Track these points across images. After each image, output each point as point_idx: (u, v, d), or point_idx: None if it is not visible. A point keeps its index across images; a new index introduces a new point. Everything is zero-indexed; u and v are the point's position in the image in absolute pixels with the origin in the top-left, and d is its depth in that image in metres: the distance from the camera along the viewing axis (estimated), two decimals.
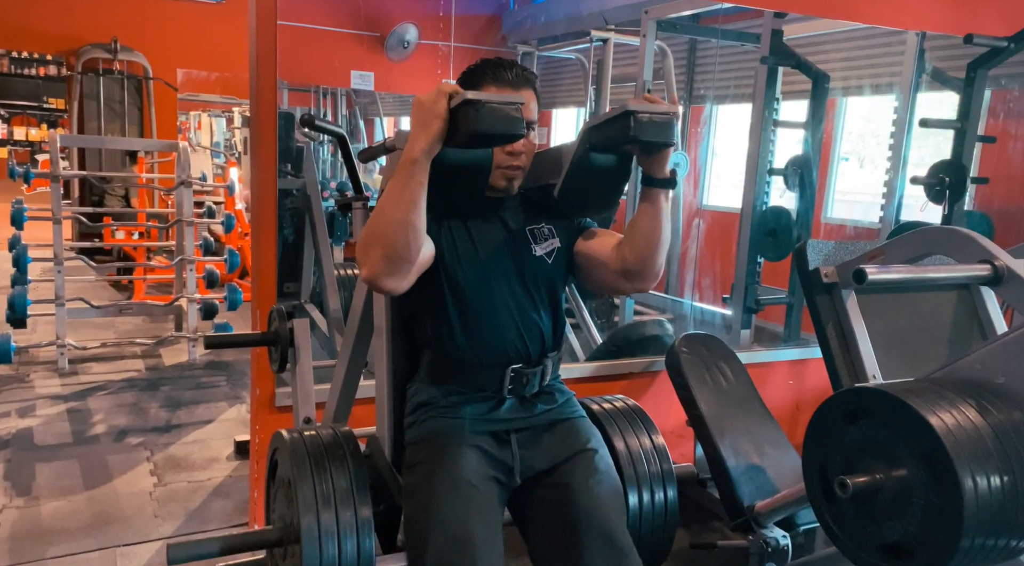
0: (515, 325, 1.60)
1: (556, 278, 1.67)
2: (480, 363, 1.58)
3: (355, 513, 1.57)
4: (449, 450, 1.50)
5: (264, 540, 1.75)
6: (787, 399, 3.46)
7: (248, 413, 4.00)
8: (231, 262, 5.00)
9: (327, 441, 1.71)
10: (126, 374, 4.59)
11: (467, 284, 1.57)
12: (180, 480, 3.23)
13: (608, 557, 1.43)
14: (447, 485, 1.46)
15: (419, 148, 1.33)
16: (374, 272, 1.39)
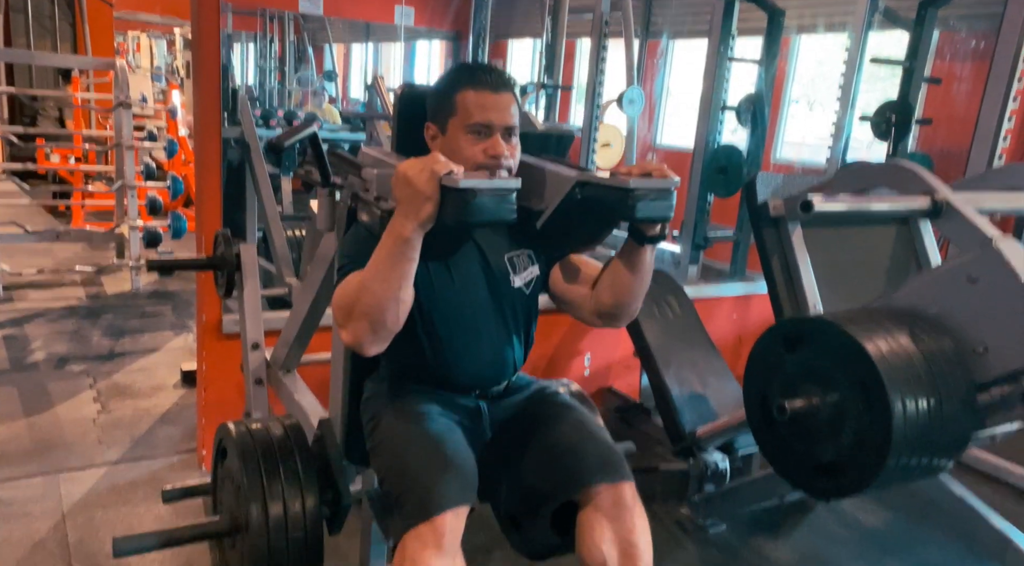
0: (488, 359, 1.56)
1: (533, 308, 1.63)
2: (447, 386, 1.56)
3: (303, 504, 1.61)
4: (411, 401, 1.50)
5: (214, 530, 1.79)
6: (731, 333, 3.56)
7: (195, 342, 3.94)
8: (174, 188, 4.84)
9: (275, 433, 1.72)
10: (66, 302, 4.45)
11: (441, 319, 1.51)
12: (125, 407, 3.18)
13: (603, 469, 1.43)
14: (410, 419, 1.46)
15: (410, 228, 1.26)
16: (359, 341, 1.34)
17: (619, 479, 1.43)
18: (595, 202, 1.35)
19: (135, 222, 4.73)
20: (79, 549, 2.21)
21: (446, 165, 1.23)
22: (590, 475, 1.42)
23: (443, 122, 1.47)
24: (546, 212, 1.44)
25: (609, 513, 1.41)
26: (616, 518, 1.41)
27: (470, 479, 1.37)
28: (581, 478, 1.43)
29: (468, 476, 1.37)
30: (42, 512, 2.38)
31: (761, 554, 2.35)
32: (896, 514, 2.60)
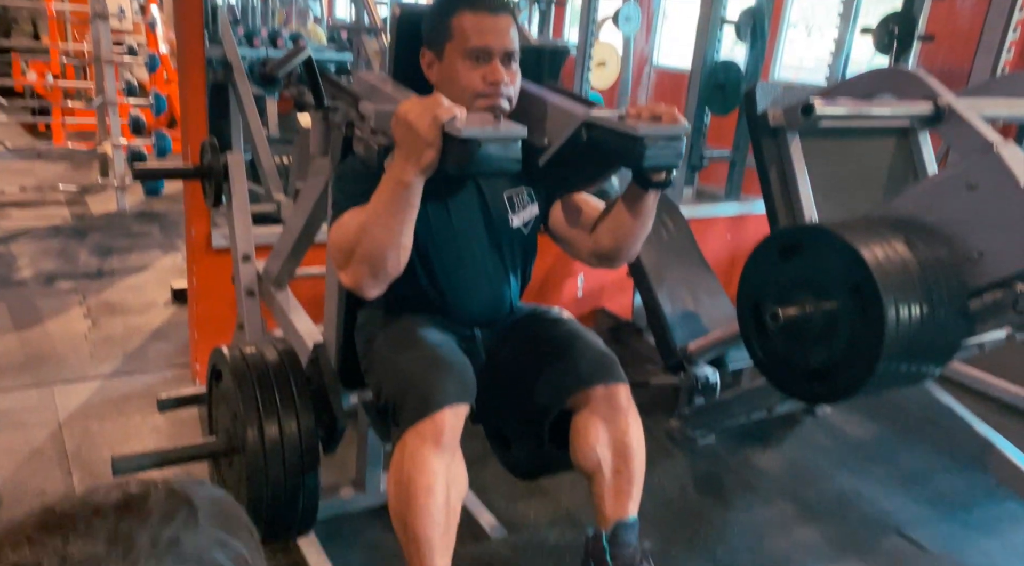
0: (484, 297, 1.54)
1: (531, 247, 1.60)
2: (443, 318, 1.54)
3: (299, 427, 1.62)
4: (406, 323, 1.49)
5: (210, 451, 1.80)
6: (725, 253, 3.55)
7: (184, 261, 3.90)
8: (157, 106, 4.72)
9: (269, 358, 1.71)
10: (51, 221, 4.39)
11: (438, 258, 1.48)
12: (116, 324, 3.17)
13: (598, 370, 1.44)
14: (406, 335, 1.45)
15: (411, 174, 1.20)
16: (359, 284, 1.31)
17: (613, 380, 1.44)
18: (601, 145, 1.29)
19: (118, 141, 4.63)
20: (77, 457, 2.24)
21: (449, 110, 1.16)
22: (584, 378, 1.44)
23: (439, 48, 1.40)
24: (549, 150, 1.38)
25: (604, 415, 1.43)
26: (611, 420, 1.43)
27: (468, 380, 1.38)
28: (576, 381, 1.44)
29: (466, 377, 1.38)
30: (39, 422, 2.40)
31: (749, 464, 2.40)
32: (881, 425, 2.65)
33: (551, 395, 1.46)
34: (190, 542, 0.47)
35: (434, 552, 1.28)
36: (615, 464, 1.42)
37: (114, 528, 0.46)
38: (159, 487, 0.50)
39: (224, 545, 0.49)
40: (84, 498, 0.48)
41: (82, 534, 0.45)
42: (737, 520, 2.11)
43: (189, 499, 0.50)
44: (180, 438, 2.40)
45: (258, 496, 1.57)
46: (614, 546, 1.37)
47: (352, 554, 1.91)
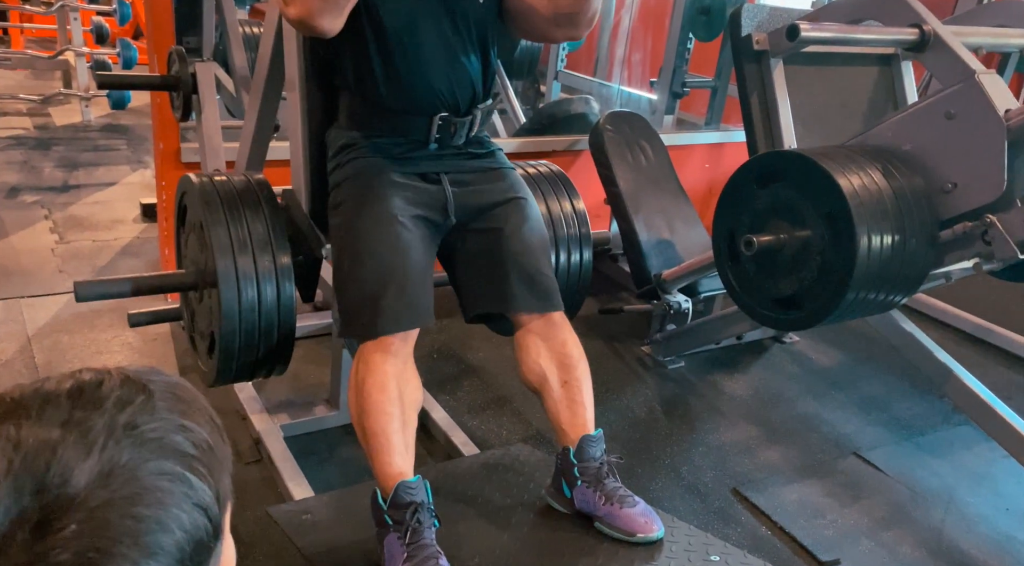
0: (442, 70, 1.49)
1: (488, 21, 1.55)
2: (404, 109, 1.50)
3: (273, 256, 1.54)
4: (374, 187, 1.46)
5: (178, 283, 1.72)
6: (703, 182, 3.54)
7: (153, 178, 3.81)
8: (121, 13, 4.51)
9: (239, 186, 1.62)
10: (12, 131, 4.25)
11: (391, 23, 1.44)
12: (84, 239, 3.11)
13: (533, 297, 1.48)
14: (373, 220, 1.43)
15: None
16: (307, 10, 1.26)
17: (547, 310, 1.48)
18: None
19: (80, 49, 4.44)
20: (47, 370, 2.22)
21: None
22: (521, 303, 1.47)
23: None
24: None
25: (541, 333, 1.48)
26: (548, 337, 1.48)
27: (420, 304, 1.40)
28: (513, 305, 1.48)
29: (418, 301, 1.40)
30: (6, 334, 2.38)
31: (717, 388, 2.46)
32: (846, 353, 2.72)
33: (491, 300, 1.51)
34: (148, 426, 0.46)
35: (392, 449, 1.32)
36: (560, 376, 1.46)
37: (68, 414, 0.44)
38: (113, 375, 0.48)
39: (184, 429, 0.48)
40: (36, 387, 0.47)
41: (35, 420, 0.43)
42: (703, 441, 2.17)
43: (144, 385, 0.48)
44: (152, 354, 2.40)
45: (230, 329, 1.51)
46: (580, 460, 1.40)
47: (326, 469, 1.95)
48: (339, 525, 1.54)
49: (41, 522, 0.40)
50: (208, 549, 0.47)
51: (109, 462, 0.43)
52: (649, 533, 1.36)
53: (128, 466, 0.43)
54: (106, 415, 0.45)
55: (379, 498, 1.32)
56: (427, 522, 1.29)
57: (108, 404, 0.46)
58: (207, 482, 0.47)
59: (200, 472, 0.47)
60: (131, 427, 0.45)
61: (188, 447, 0.47)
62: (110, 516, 0.41)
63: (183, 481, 0.45)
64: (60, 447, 0.42)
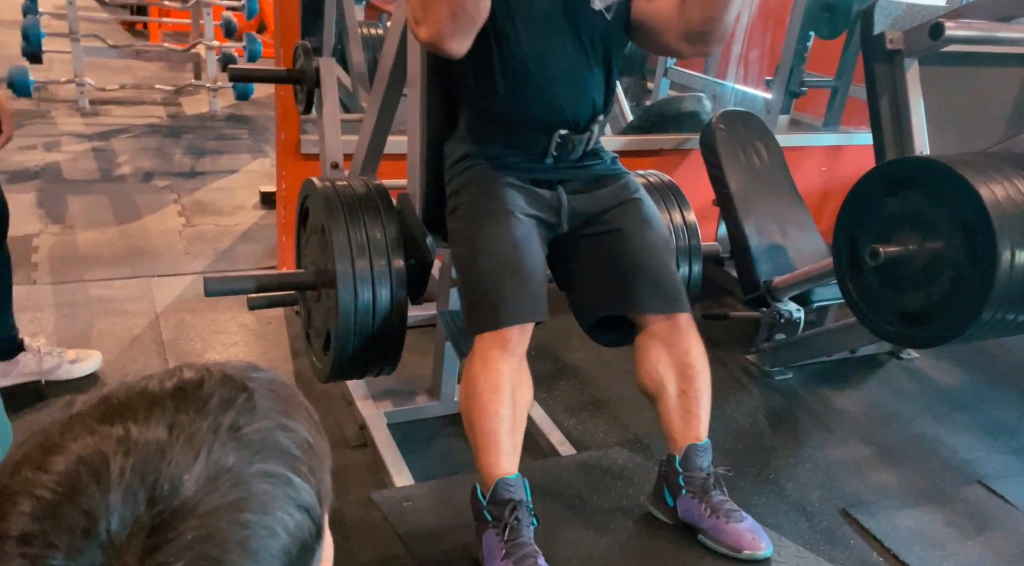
0: (565, 88, 1.48)
1: (614, 36, 1.52)
2: (525, 125, 1.49)
3: (388, 261, 1.59)
4: (492, 188, 1.47)
5: (299, 282, 1.80)
6: (818, 185, 3.40)
7: (272, 167, 3.99)
8: (249, 8, 4.74)
9: (360, 191, 1.68)
10: (147, 119, 4.53)
11: (515, 38, 1.43)
12: (208, 223, 3.29)
13: (659, 297, 1.44)
14: (491, 217, 1.44)
15: None
16: (438, 33, 1.28)
17: (674, 311, 1.43)
18: None
19: (211, 42, 4.69)
20: (172, 346, 2.37)
21: None
22: (647, 303, 1.43)
23: None
24: None
25: (664, 338, 1.43)
26: (672, 343, 1.43)
27: (538, 298, 1.39)
28: (637, 306, 1.44)
29: (537, 296, 1.39)
30: (138, 310, 2.54)
31: (826, 403, 2.35)
32: (970, 374, 2.55)
33: (613, 302, 1.47)
34: (250, 427, 0.45)
35: (499, 449, 1.32)
36: (679, 385, 1.42)
37: (173, 417, 0.44)
38: (214, 373, 0.48)
39: (285, 428, 0.47)
40: (140, 387, 0.47)
41: (142, 422, 0.43)
42: (810, 458, 2.08)
43: (244, 384, 0.48)
44: (268, 335, 2.51)
45: (346, 329, 1.57)
46: (686, 469, 1.37)
47: (425, 457, 1.99)
48: (438, 514, 1.56)
49: (154, 530, 0.40)
50: (311, 550, 0.47)
51: (215, 466, 0.43)
52: (756, 550, 1.31)
53: (234, 470, 0.43)
54: (210, 417, 0.45)
55: (479, 493, 1.33)
56: (525, 520, 1.30)
57: (211, 405, 0.45)
58: (309, 482, 0.47)
59: (302, 472, 0.46)
60: (235, 429, 0.45)
61: (290, 447, 0.47)
62: (220, 523, 0.41)
63: (287, 483, 0.45)
64: (169, 451, 0.42)
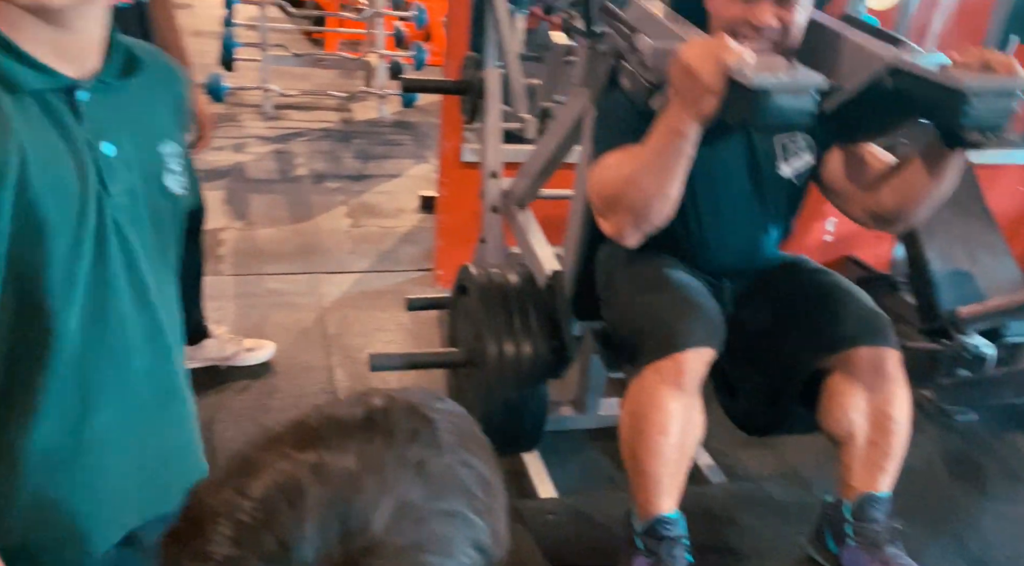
0: (739, 247, 1.44)
1: (799, 199, 1.45)
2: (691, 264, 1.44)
3: (535, 349, 1.69)
4: (653, 259, 1.42)
5: (452, 362, 1.94)
6: (1014, 207, 3.08)
7: (432, 172, 4.13)
8: (419, 19, 4.93)
9: (513, 282, 1.80)
10: (322, 124, 4.83)
11: (694, 201, 1.36)
12: (372, 224, 3.46)
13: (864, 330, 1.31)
14: (654, 270, 1.39)
15: (688, 123, 1.10)
16: (621, 233, 1.27)
17: (883, 344, 1.30)
18: (908, 94, 1.10)
19: (382, 51, 4.92)
20: (336, 341, 2.50)
21: (736, 54, 1.04)
22: (848, 336, 1.30)
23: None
24: (839, 94, 1.19)
25: (866, 380, 1.30)
26: (873, 387, 1.30)
27: (716, 323, 1.31)
28: (837, 340, 1.31)
29: (714, 320, 1.31)
30: (306, 305, 2.71)
31: (1017, 450, 2.12)
32: None
33: (805, 352, 1.35)
34: (434, 462, 0.45)
35: (661, 491, 1.26)
36: (871, 435, 1.29)
37: (363, 446, 0.44)
38: (399, 403, 0.48)
39: (467, 465, 0.47)
40: (331, 413, 0.47)
41: (335, 450, 0.44)
42: (996, 511, 1.87)
43: (428, 416, 0.48)
44: (422, 335, 2.59)
45: (491, 409, 1.66)
46: (859, 519, 1.26)
47: (568, 469, 1.98)
48: (582, 530, 1.55)
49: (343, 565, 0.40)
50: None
51: (401, 502, 0.42)
52: None
53: (417, 507, 0.43)
54: (396, 448, 0.45)
55: (633, 518, 1.30)
56: (680, 557, 1.25)
57: (397, 437, 0.45)
58: (487, 521, 0.46)
59: (481, 511, 0.46)
60: (420, 464, 0.45)
61: (471, 485, 0.46)
62: (403, 564, 0.41)
63: (466, 522, 0.45)
64: (359, 483, 0.43)
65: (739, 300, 1.48)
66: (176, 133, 0.86)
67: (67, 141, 0.73)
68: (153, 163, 0.81)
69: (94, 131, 0.75)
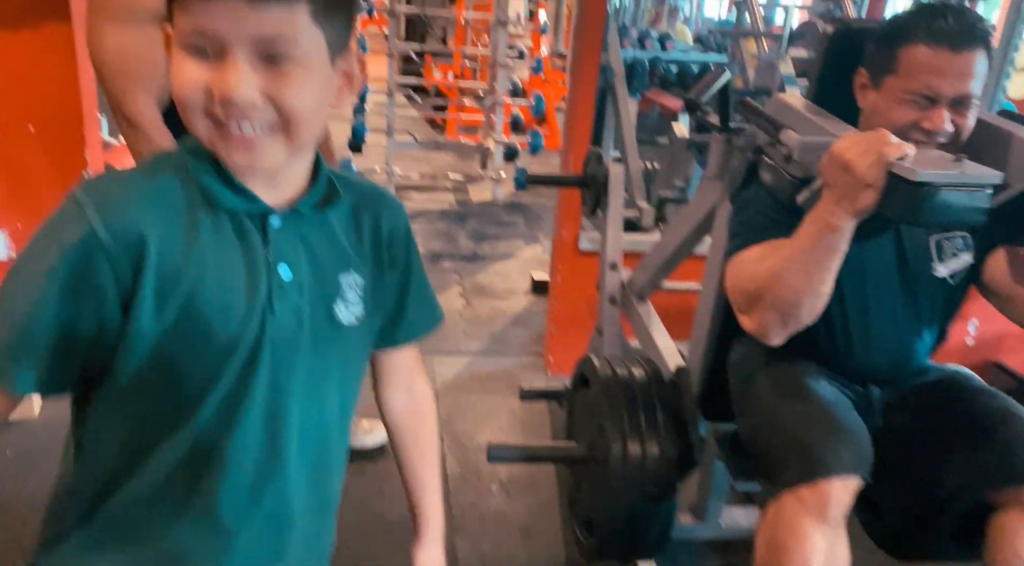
0: (887, 350, 1.39)
1: (956, 301, 1.40)
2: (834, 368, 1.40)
3: (661, 450, 1.62)
4: (793, 368, 1.37)
5: (571, 456, 1.89)
6: None
7: (544, 254, 4.20)
8: (537, 106, 5.11)
9: (637, 376, 1.74)
10: (439, 205, 5.03)
11: (839, 303, 1.32)
12: (484, 305, 3.52)
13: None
14: (795, 384, 1.33)
15: (843, 218, 1.09)
16: (764, 332, 1.23)
17: None
18: None
19: (500, 137, 5.12)
20: (448, 425, 2.52)
21: (898, 149, 1.01)
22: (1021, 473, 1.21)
23: (878, 77, 1.26)
24: (1007, 192, 1.16)
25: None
26: None
27: (864, 450, 1.23)
28: (1007, 475, 1.21)
29: (862, 446, 1.23)
30: None
31: None
32: None
33: (970, 481, 1.25)
34: None
35: None
36: None
37: None
38: None
39: None
40: None
41: None
42: None
43: None
44: (532, 423, 2.58)
45: (613, 512, 1.61)
46: None
47: None
48: None
49: None
50: None
51: None
52: None
53: None
54: None
55: None
56: None
57: None
58: None
59: None
60: None
61: None
62: None
63: None
64: None
65: (887, 411, 1.40)
66: (365, 266, 0.87)
67: (248, 259, 0.77)
68: (327, 291, 0.83)
69: (276, 254, 0.79)
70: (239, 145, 0.72)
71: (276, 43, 0.69)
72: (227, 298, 0.76)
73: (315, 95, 0.74)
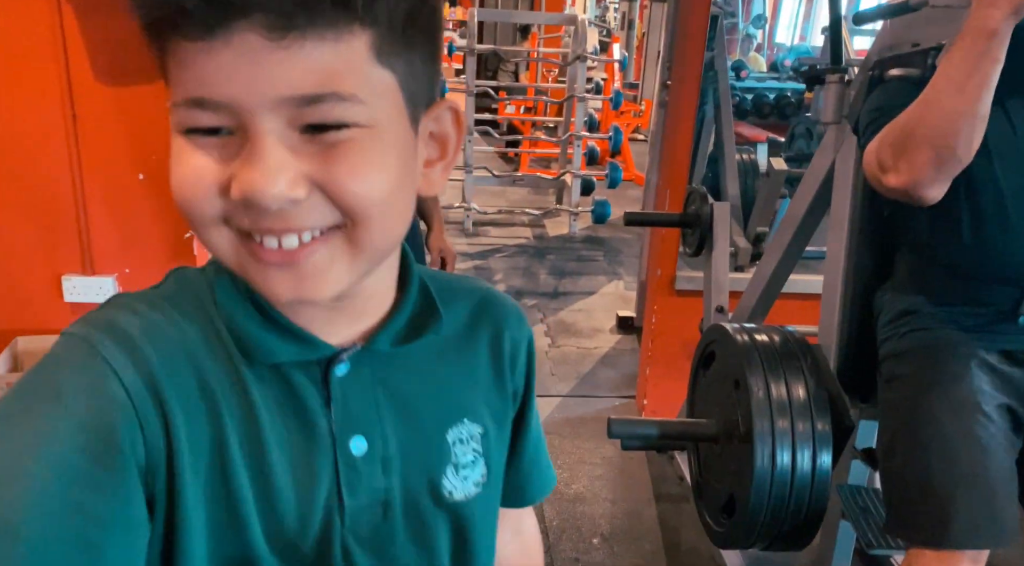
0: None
1: None
2: (993, 276, 1.28)
3: (812, 424, 1.44)
4: (948, 364, 1.26)
5: (702, 434, 1.71)
6: None
7: (626, 290, 4.10)
8: (615, 140, 5.05)
9: (779, 343, 1.56)
10: (517, 240, 4.99)
11: (991, 176, 1.23)
12: (570, 344, 3.44)
13: None
14: (948, 404, 1.22)
15: (997, 18, 1.03)
16: (916, 180, 1.15)
17: None
18: None
19: (576, 170, 5.07)
20: None
21: None
22: None
23: None
24: None
25: None
26: None
27: (1008, 519, 1.13)
28: None
29: (1006, 515, 1.13)
30: None
31: None
32: None
33: None
34: None
35: None
36: None
37: None
38: None
39: None
40: None
41: None
42: None
43: None
44: (626, 470, 2.47)
45: (759, 497, 1.42)
46: None
47: None
48: None
49: None
50: None
51: None
52: None
53: None
54: None
55: None
56: None
57: None
58: None
59: None
60: None
61: None
62: None
63: None
64: None
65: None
66: (486, 405, 0.62)
67: (303, 432, 0.53)
68: (428, 459, 0.58)
69: (344, 419, 0.54)
70: (280, 267, 0.47)
71: (322, 103, 0.44)
72: (271, 496, 0.52)
73: (390, 175, 0.47)
